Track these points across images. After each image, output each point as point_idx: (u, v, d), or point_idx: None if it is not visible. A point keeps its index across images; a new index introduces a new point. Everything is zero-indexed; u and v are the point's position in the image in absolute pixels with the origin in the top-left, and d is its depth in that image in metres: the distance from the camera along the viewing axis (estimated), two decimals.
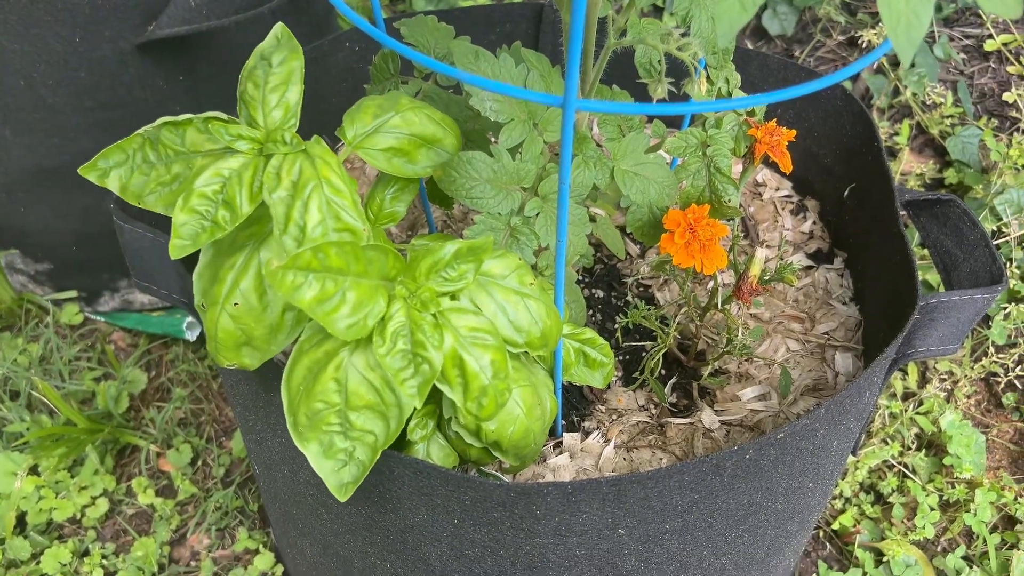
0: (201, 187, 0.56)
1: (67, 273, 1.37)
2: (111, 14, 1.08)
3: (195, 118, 0.60)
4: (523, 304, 0.61)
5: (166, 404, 1.28)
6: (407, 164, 0.64)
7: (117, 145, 0.61)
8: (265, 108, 0.58)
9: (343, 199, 0.55)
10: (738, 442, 0.85)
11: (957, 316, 0.82)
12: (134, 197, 0.61)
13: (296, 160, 0.56)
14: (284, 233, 0.54)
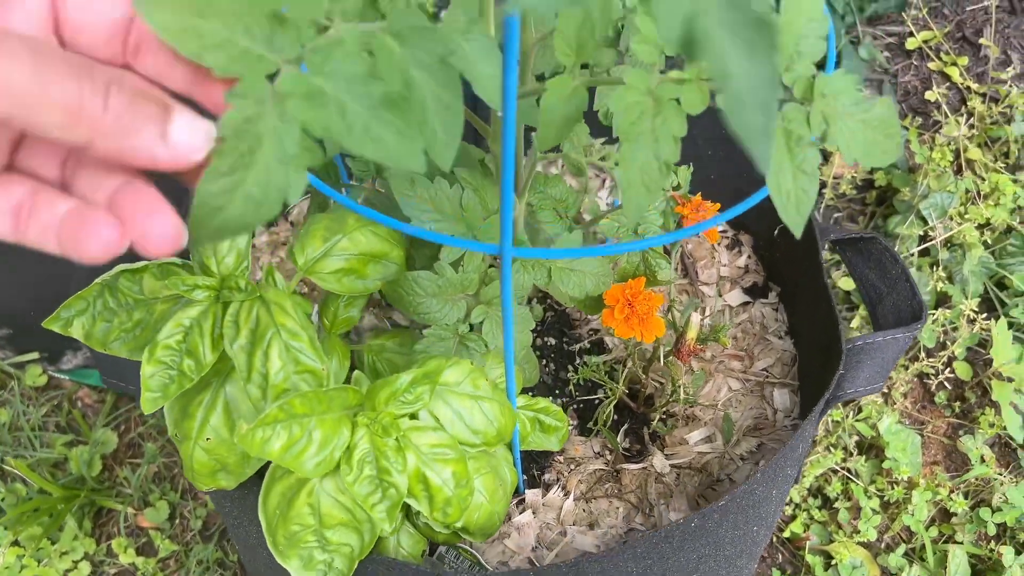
0: (164, 339, 0.59)
1: (27, 336, 1.38)
2: None
3: (150, 265, 0.63)
4: (478, 407, 0.66)
5: (138, 460, 1.31)
6: (357, 281, 0.68)
7: (78, 295, 0.64)
8: (217, 256, 0.61)
9: (300, 342, 0.59)
10: (688, 485, 0.91)
11: (882, 356, 0.88)
12: (99, 344, 0.64)
13: (253, 307, 0.59)
14: (248, 382, 0.58)
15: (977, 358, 1.34)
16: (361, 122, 0.41)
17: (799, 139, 0.52)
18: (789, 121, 0.52)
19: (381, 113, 0.41)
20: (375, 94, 0.41)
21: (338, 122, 0.40)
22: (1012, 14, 1.75)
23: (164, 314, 0.63)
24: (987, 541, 1.18)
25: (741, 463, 0.91)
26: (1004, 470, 1.25)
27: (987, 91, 1.63)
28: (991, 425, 1.25)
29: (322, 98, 0.40)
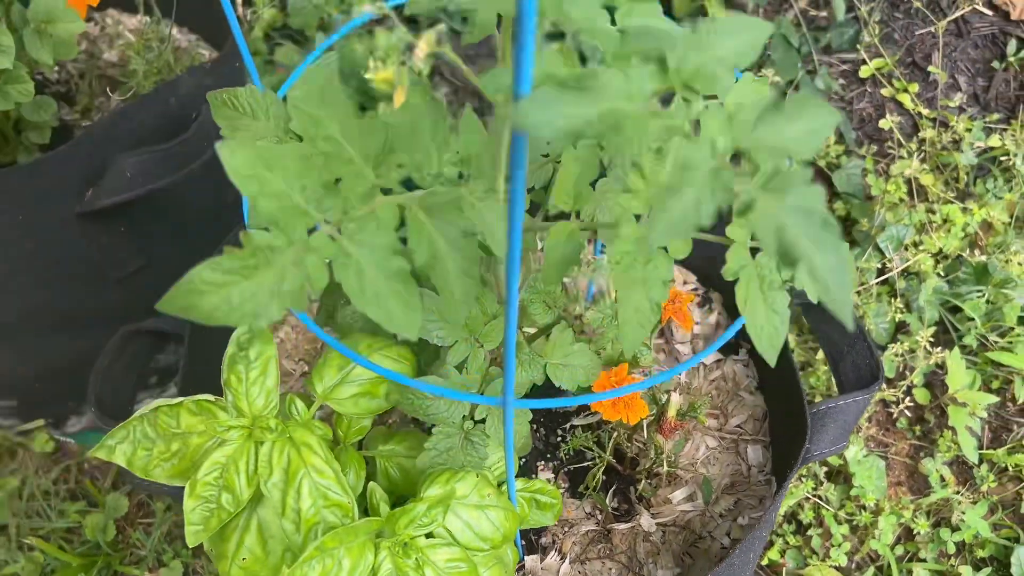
0: (203, 477, 0.66)
1: (32, 406, 1.44)
2: (52, 193, 1.14)
3: (186, 401, 0.70)
4: (485, 516, 0.73)
5: (149, 521, 1.37)
6: (371, 401, 0.75)
7: (121, 426, 0.70)
8: (249, 397, 0.68)
9: (328, 480, 0.66)
10: (673, 543, 0.99)
11: (844, 417, 0.96)
12: (140, 470, 0.70)
13: (284, 449, 0.66)
14: (283, 517, 0.65)
15: (935, 379, 1.43)
16: (374, 288, 0.47)
17: (771, 284, 0.60)
18: (762, 268, 0.60)
19: (393, 284, 0.48)
20: (393, 266, 0.48)
21: (355, 283, 0.47)
22: (959, 37, 1.84)
23: (199, 447, 0.69)
24: (947, 559, 1.28)
25: (720, 520, 1.00)
26: (962, 488, 1.34)
27: (937, 116, 1.72)
28: (949, 448, 1.35)
29: (346, 260, 0.47)
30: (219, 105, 0.66)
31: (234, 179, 0.43)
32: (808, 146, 0.40)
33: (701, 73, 0.41)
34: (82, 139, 1.14)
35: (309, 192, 0.45)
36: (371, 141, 0.49)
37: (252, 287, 0.43)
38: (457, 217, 0.50)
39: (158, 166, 1.16)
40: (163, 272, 1.32)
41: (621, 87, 0.37)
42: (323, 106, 0.47)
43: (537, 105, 0.35)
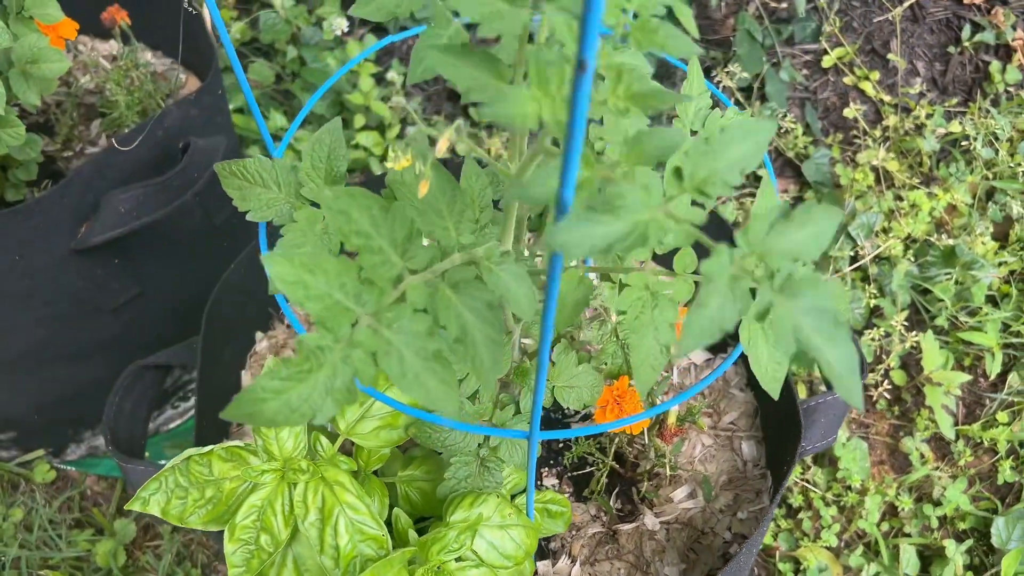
0: (241, 521, 0.69)
1: (31, 437, 1.45)
2: (46, 231, 1.15)
3: (216, 449, 0.73)
4: (508, 536, 0.77)
5: (157, 543, 1.40)
6: (391, 432, 0.78)
7: (153, 478, 0.73)
8: (279, 441, 0.71)
9: (362, 515, 0.69)
10: (677, 540, 1.04)
11: (833, 412, 1.02)
12: (176, 519, 0.73)
13: (318, 488, 0.69)
14: (322, 553, 0.68)
15: (910, 360, 1.49)
16: (414, 371, 0.51)
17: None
18: None
19: (431, 365, 0.51)
20: (430, 349, 0.51)
21: (396, 368, 0.51)
22: (915, 23, 1.89)
23: (233, 492, 0.72)
24: (931, 532, 1.34)
25: (721, 515, 1.05)
26: (941, 463, 1.41)
27: (899, 103, 1.77)
28: (926, 426, 1.41)
29: (388, 348, 0.50)
30: (228, 176, 0.68)
31: (281, 287, 0.46)
32: (815, 249, 0.44)
33: (711, 179, 0.45)
34: (74, 177, 1.15)
35: (348, 288, 0.48)
36: (398, 229, 0.52)
37: (307, 389, 0.46)
38: (480, 290, 0.53)
39: (151, 199, 1.18)
40: (155, 299, 1.34)
41: (643, 200, 0.40)
42: (352, 203, 0.50)
43: (571, 228, 0.39)
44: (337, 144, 0.68)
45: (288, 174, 0.68)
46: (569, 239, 0.39)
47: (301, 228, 0.67)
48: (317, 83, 1.73)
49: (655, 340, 0.61)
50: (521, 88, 0.42)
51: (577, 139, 0.36)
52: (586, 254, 0.40)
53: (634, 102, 0.45)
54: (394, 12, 0.62)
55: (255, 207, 0.68)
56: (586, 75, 0.32)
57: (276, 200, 0.68)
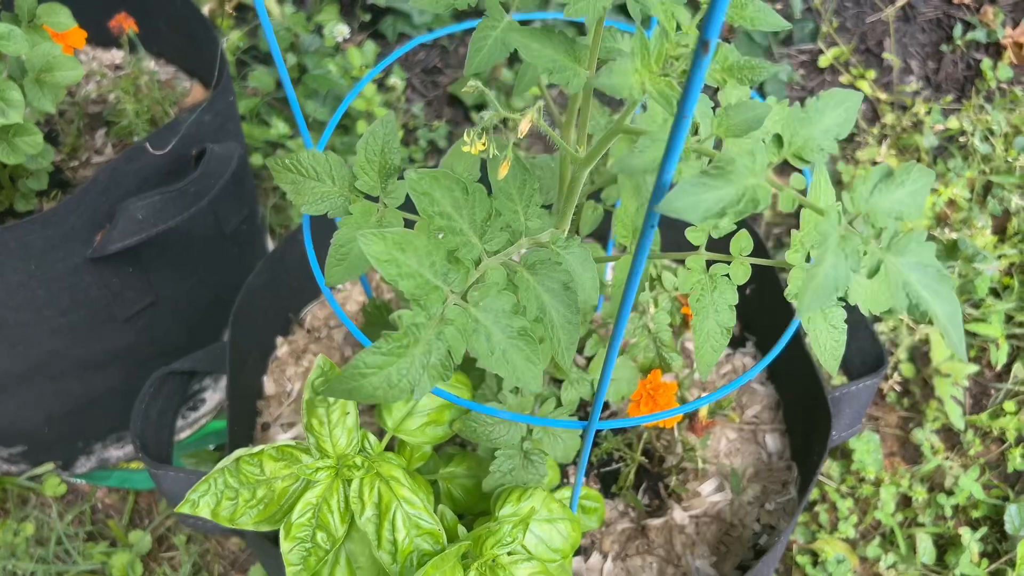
0: (297, 519, 0.69)
1: (41, 450, 1.43)
2: (62, 241, 1.14)
3: (266, 449, 0.72)
4: (555, 529, 0.78)
5: (171, 554, 1.39)
6: (437, 429, 0.79)
7: (203, 480, 0.73)
8: (332, 438, 0.71)
9: (418, 510, 0.69)
10: (707, 533, 1.05)
11: (858, 401, 1.03)
12: (226, 520, 0.73)
13: (374, 484, 0.69)
14: (379, 548, 0.68)
15: (917, 353, 1.51)
16: (501, 348, 0.52)
17: None
18: None
19: (517, 342, 0.52)
20: (515, 326, 0.52)
21: (484, 346, 0.51)
22: (907, 22, 1.93)
23: (285, 491, 0.72)
24: (945, 521, 1.36)
25: (749, 508, 1.06)
26: (951, 453, 1.43)
27: (895, 100, 1.80)
28: (936, 417, 1.43)
29: (476, 325, 0.51)
30: (281, 170, 0.68)
31: (376, 265, 0.47)
32: (916, 207, 0.45)
33: (808, 145, 0.46)
34: (90, 186, 1.14)
35: (437, 267, 0.49)
36: (478, 211, 0.52)
37: (406, 364, 0.47)
38: (556, 271, 0.54)
39: (167, 207, 1.17)
40: (167, 307, 1.34)
41: (749, 166, 0.41)
42: (435, 185, 0.51)
43: (683, 193, 0.40)
44: (391, 137, 0.68)
45: (341, 168, 0.69)
46: (684, 204, 0.39)
47: (356, 221, 0.68)
48: (320, 89, 1.73)
49: (715, 322, 0.62)
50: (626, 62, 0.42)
51: (690, 110, 0.37)
52: (700, 218, 0.40)
53: (730, 74, 0.46)
54: (452, 4, 0.63)
55: (309, 200, 0.68)
56: (709, 54, 0.33)
57: (330, 193, 0.68)
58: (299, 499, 0.70)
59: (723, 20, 0.33)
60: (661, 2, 0.45)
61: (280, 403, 1.13)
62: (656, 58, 0.42)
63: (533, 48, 0.51)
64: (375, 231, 0.47)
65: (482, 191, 0.53)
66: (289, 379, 1.15)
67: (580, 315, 0.54)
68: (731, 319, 0.63)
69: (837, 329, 0.64)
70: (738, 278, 0.64)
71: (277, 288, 1.14)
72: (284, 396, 1.14)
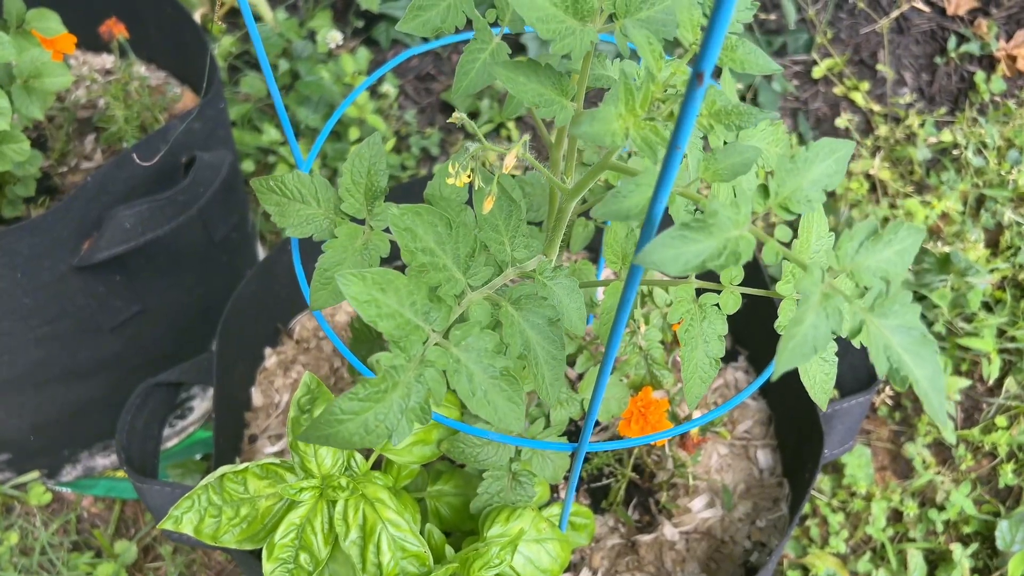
0: (280, 540, 0.68)
1: (26, 458, 1.42)
2: (49, 248, 1.13)
3: (251, 466, 0.71)
4: (543, 549, 0.77)
5: (157, 564, 1.37)
6: (424, 448, 0.78)
7: (186, 496, 0.72)
8: (318, 458, 0.70)
9: (404, 532, 0.68)
10: (697, 550, 1.04)
11: (851, 417, 1.02)
12: (209, 538, 0.72)
13: (359, 505, 0.68)
14: (363, 572, 0.67)
15: None
16: (483, 389, 0.51)
17: None
18: None
19: (499, 383, 0.51)
20: (497, 366, 0.51)
21: (466, 387, 0.50)
22: (901, 34, 1.92)
23: (269, 510, 0.71)
24: (935, 536, 1.36)
25: (740, 524, 1.05)
26: (943, 468, 1.42)
27: (888, 112, 1.80)
28: (927, 432, 1.43)
29: (457, 366, 0.50)
30: (266, 192, 0.67)
31: (355, 306, 0.46)
32: (902, 267, 0.44)
33: (795, 196, 0.46)
34: (78, 193, 1.13)
35: (418, 306, 0.48)
36: (462, 246, 0.51)
37: (384, 409, 0.46)
38: (540, 306, 0.53)
39: (156, 215, 1.16)
40: (155, 316, 1.32)
41: (732, 217, 0.40)
42: (418, 220, 0.50)
43: (663, 246, 0.39)
44: (377, 158, 0.67)
45: (327, 190, 0.68)
46: (664, 257, 0.39)
47: (342, 244, 0.67)
48: (312, 96, 1.72)
49: (704, 353, 0.61)
50: (609, 107, 0.41)
51: (678, 154, 0.36)
52: (680, 271, 0.40)
53: (717, 119, 0.45)
54: (439, 27, 0.62)
55: (293, 223, 0.67)
56: (703, 87, 0.32)
57: (315, 216, 0.67)
58: (282, 519, 0.69)
59: (719, 52, 0.32)
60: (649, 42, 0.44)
61: (268, 415, 1.12)
62: (642, 102, 0.42)
63: (519, 82, 0.50)
64: (354, 272, 0.46)
65: (466, 226, 0.52)
66: (277, 391, 1.14)
67: (564, 350, 0.54)
68: (720, 350, 0.62)
69: (828, 362, 0.63)
70: (728, 308, 0.63)
71: (266, 299, 1.13)
72: (272, 408, 1.13)
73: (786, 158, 0.46)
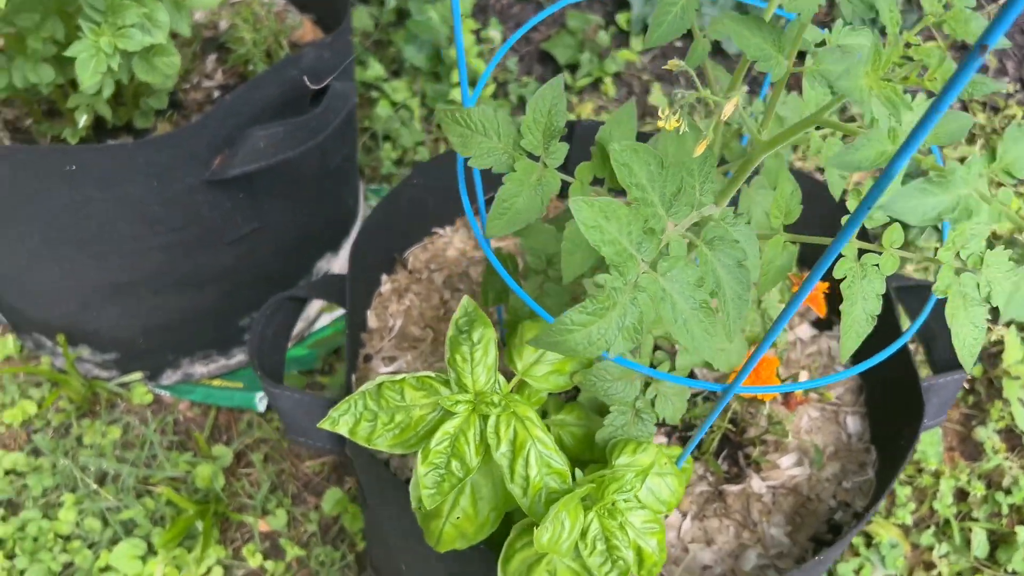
0: (435, 446, 0.74)
1: (132, 359, 1.49)
2: (184, 161, 1.19)
3: (407, 377, 0.77)
4: (664, 483, 0.82)
5: (248, 471, 1.45)
6: (559, 377, 0.83)
7: (344, 401, 0.77)
8: (474, 375, 0.75)
9: (550, 451, 0.74)
10: (783, 504, 1.09)
11: (945, 393, 1.06)
12: (363, 439, 0.77)
13: (510, 422, 0.74)
14: (511, 483, 0.73)
15: (986, 354, 1.54)
16: (683, 318, 0.55)
17: (972, 300, 0.68)
18: (965, 286, 0.68)
19: (698, 313, 0.56)
20: (697, 298, 0.56)
21: (669, 313, 0.55)
22: None
23: (422, 419, 0.77)
24: (1000, 518, 1.39)
25: (827, 484, 1.09)
26: (1011, 454, 1.45)
27: (987, 100, 1.80)
28: (1001, 417, 1.46)
29: (663, 294, 0.55)
30: (450, 123, 0.71)
31: (583, 229, 0.50)
32: None
33: (1017, 163, 0.49)
34: (215, 111, 1.18)
35: (634, 237, 0.52)
36: (669, 185, 0.56)
37: (605, 324, 0.50)
38: (732, 248, 0.57)
39: (288, 138, 1.21)
40: (269, 234, 1.38)
41: (965, 176, 0.44)
42: (635, 157, 0.54)
43: (906, 197, 0.42)
44: (558, 100, 0.71)
45: (508, 126, 0.72)
46: (906, 207, 0.43)
47: (519, 178, 0.71)
48: (421, 35, 1.75)
49: (863, 309, 0.65)
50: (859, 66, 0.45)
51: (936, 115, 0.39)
52: (919, 221, 0.43)
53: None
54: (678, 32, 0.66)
55: (476, 154, 0.71)
56: (982, 56, 0.36)
57: (495, 149, 0.72)
58: (437, 428, 0.75)
59: (1007, 28, 0.35)
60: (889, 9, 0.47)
61: (382, 338, 1.18)
62: (884, 64, 0.45)
63: (744, 35, 0.54)
64: (585, 199, 0.51)
65: (675, 167, 0.56)
66: (391, 315, 1.19)
67: (750, 290, 0.58)
68: (878, 307, 0.66)
69: (978, 327, 0.67)
70: (887, 269, 0.66)
71: (387, 228, 1.18)
72: (385, 331, 1.18)
73: (1015, 126, 0.49)
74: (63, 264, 1.29)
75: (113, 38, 1.03)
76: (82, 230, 1.24)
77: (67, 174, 1.16)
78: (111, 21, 1.03)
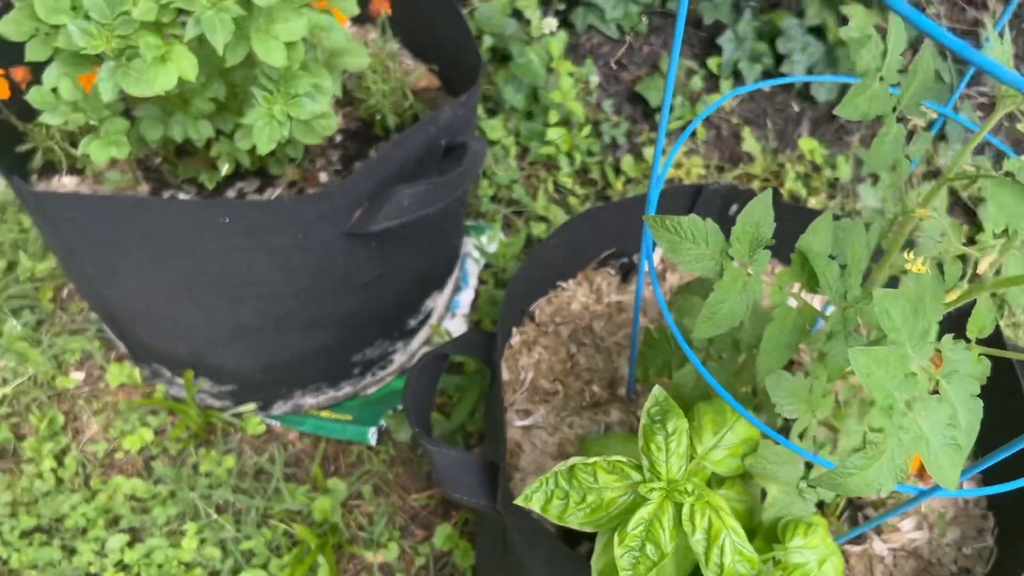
0: (631, 530, 0.79)
1: (248, 391, 1.55)
2: (329, 215, 1.24)
3: (599, 461, 0.82)
4: (830, 564, 0.87)
5: (358, 503, 1.51)
6: (733, 460, 0.88)
7: (537, 480, 0.83)
8: (668, 464, 0.80)
9: (741, 539, 0.79)
10: (904, 567, 1.14)
11: None
12: (555, 516, 0.83)
13: (704, 511, 0.79)
14: (706, 568, 0.78)
15: None
16: (936, 453, 0.60)
17: None
18: None
19: (949, 451, 0.61)
20: (947, 436, 0.61)
21: (924, 449, 0.60)
22: None
23: (613, 501, 0.82)
24: None
25: (947, 549, 1.14)
26: None
27: None
28: None
29: (919, 433, 0.60)
30: (660, 229, 0.76)
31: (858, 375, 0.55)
32: None
33: None
34: (364, 170, 1.23)
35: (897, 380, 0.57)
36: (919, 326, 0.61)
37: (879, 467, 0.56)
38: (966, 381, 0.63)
39: (430, 195, 1.26)
40: (389, 280, 1.44)
41: None
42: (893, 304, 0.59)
43: None
44: (766, 214, 0.76)
45: (717, 235, 0.77)
46: None
47: (727, 285, 0.76)
48: (521, 77, 1.80)
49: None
50: None
51: None
52: None
53: None
54: (869, 114, 0.71)
55: (685, 260, 0.76)
56: None
57: (703, 256, 0.77)
58: (631, 512, 0.80)
59: None
60: None
61: (514, 390, 1.23)
62: None
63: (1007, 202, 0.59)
64: (861, 348, 0.56)
65: (925, 309, 0.61)
66: (522, 368, 1.24)
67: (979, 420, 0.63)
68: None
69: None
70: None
71: (523, 285, 1.23)
72: (517, 384, 1.24)
73: None
74: (200, 305, 1.35)
75: (286, 107, 1.08)
76: (224, 275, 1.29)
77: (220, 225, 1.21)
78: (284, 90, 1.08)
